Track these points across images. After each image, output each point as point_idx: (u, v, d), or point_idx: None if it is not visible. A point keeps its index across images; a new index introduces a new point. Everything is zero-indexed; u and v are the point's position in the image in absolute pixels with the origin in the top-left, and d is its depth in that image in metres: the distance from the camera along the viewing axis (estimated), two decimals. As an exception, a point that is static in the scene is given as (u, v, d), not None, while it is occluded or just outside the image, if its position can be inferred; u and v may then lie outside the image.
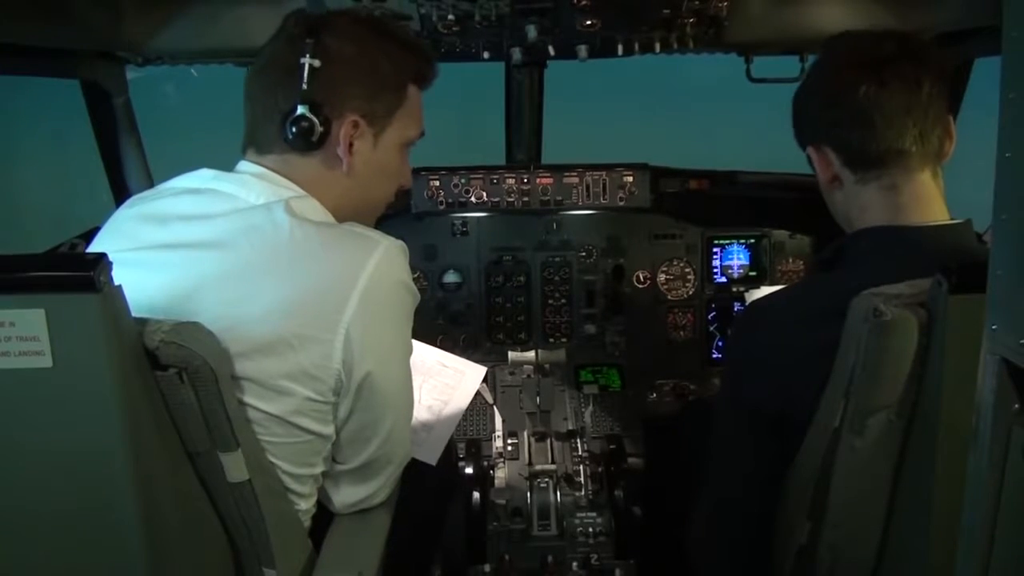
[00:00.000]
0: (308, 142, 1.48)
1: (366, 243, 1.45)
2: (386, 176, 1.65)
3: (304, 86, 1.45)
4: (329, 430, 1.51)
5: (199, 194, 1.51)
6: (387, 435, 1.57)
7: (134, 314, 1.20)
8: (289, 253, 1.40)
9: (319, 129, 1.48)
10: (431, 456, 2.00)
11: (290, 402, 1.41)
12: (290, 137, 1.48)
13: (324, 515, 1.67)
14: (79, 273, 1.09)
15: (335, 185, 1.56)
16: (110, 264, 1.12)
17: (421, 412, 2.08)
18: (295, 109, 1.46)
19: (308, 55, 1.46)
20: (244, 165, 1.55)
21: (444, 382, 2.25)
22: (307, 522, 1.62)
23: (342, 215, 1.55)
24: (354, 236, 1.47)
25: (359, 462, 1.58)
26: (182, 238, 1.44)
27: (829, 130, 1.61)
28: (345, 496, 1.64)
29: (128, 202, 1.61)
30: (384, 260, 1.43)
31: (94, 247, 1.54)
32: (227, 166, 1.62)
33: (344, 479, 1.62)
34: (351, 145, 1.54)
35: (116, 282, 1.13)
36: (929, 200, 1.56)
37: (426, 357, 2.30)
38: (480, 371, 2.37)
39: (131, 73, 2.60)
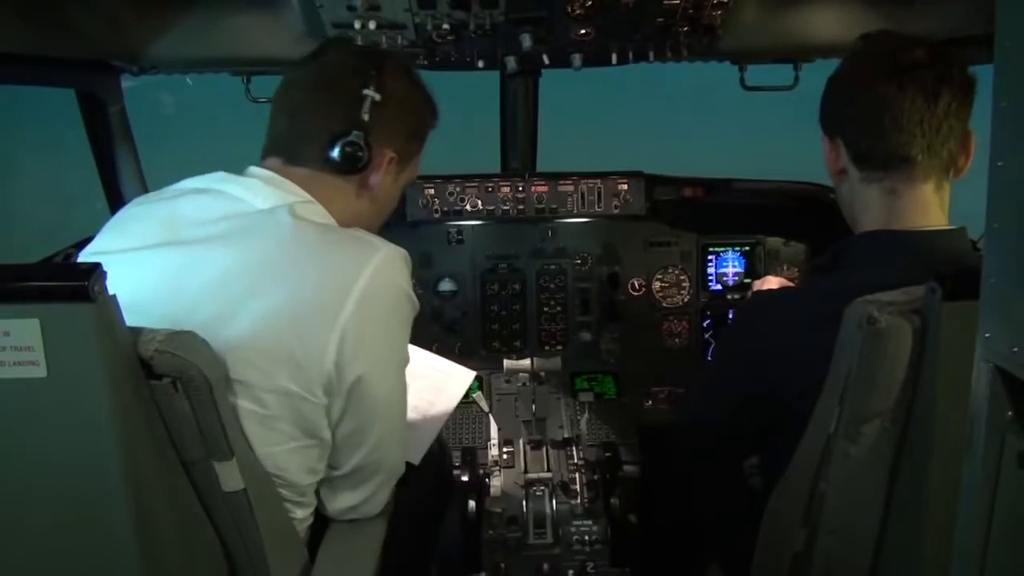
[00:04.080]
0: (351, 166, 1.56)
1: (368, 247, 1.47)
2: (391, 207, 1.79)
3: (364, 116, 1.53)
4: (327, 435, 1.50)
5: (204, 194, 1.53)
6: (377, 442, 1.56)
7: (131, 312, 1.20)
8: (290, 253, 1.41)
9: (365, 157, 1.54)
10: (414, 456, 1.99)
11: (285, 401, 1.41)
12: (336, 158, 1.54)
13: (320, 524, 1.66)
14: (73, 283, 1.09)
15: (355, 208, 1.63)
16: (104, 274, 1.11)
17: (407, 412, 2.10)
18: (348, 133, 1.53)
19: (373, 88, 1.54)
20: (254, 170, 1.57)
21: (432, 384, 2.24)
22: (303, 531, 1.61)
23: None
24: (356, 239, 1.49)
25: (350, 467, 1.58)
26: (182, 237, 1.44)
27: (843, 123, 1.63)
28: (339, 502, 1.64)
29: (132, 202, 1.62)
30: (385, 264, 1.45)
31: (93, 245, 1.54)
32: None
33: (338, 484, 1.62)
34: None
35: (113, 281, 1.13)
36: (927, 207, 1.57)
37: (417, 360, 2.30)
38: (468, 375, 2.35)
39: (126, 82, 2.60)
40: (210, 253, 1.41)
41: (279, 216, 1.44)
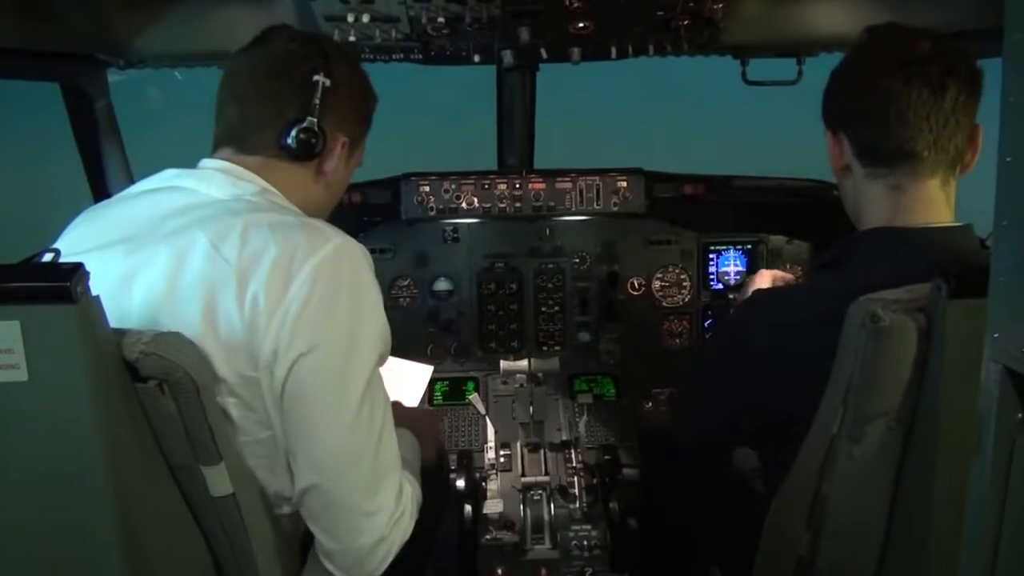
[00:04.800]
0: (308, 152, 1.58)
1: (321, 236, 1.44)
2: (342, 192, 1.81)
3: (316, 101, 1.56)
4: (278, 422, 1.44)
5: (158, 193, 1.53)
6: (314, 458, 1.42)
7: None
8: (244, 237, 1.38)
9: (320, 143, 1.58)
10: None
11: (248, 388, 1.38)
12: (292, 144, 1.56)
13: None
14: (55, 284, 1.07)
15: (312, 194, 1.67)
16: (87, 274, 1.10)
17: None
18: (303, 120, 1.56)
19: (323, 73, 1.57)
20: (208, 162, 1.59)
21: (389, 387, 2.22)
22: (293, 533, 1.59)
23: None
24: (311, 227, 1.46)
25: (299, 488, 1.47)
26: (138, 235, 1.43)
27: (847, 118, 1.62)
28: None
29: (84, 211, 1.62)
30: (341, 250, 1.43)
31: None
32: None
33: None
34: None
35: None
36: (933, 203, 1.56)
37: None
38: (426, 371, 2.34)
39: (113, 76, 2.58)
40: (164, 247, 1.40)
41: (236, 205, 1.45)
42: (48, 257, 1.17)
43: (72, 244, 1.51)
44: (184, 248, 1.38)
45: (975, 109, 1.54)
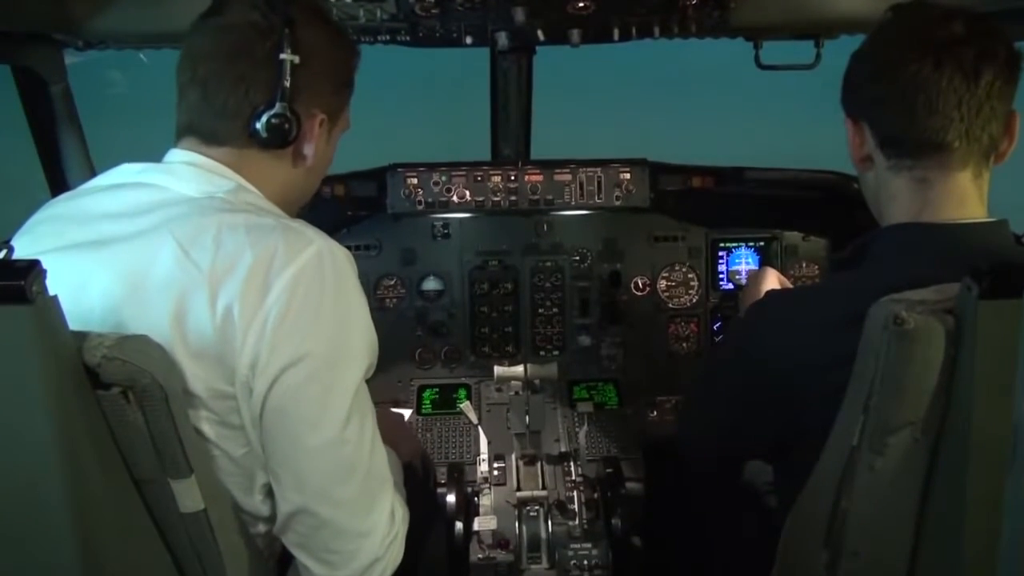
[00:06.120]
0: (281, 141, 1.52)
1: (304, 236, 1.43)
2: (326, 168, 1.74)
3: (286, 83, 1.49)
4: (255, 438, 1.44)
5: (124, 189, 1.50)
6: (300, 482, 1.42)
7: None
8: (217, 240, 1.37)
9: (293, 129, 1.52)
10: None
11: (221, 403, 1.38)
12: (264, 134, 1.50)
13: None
14: (8, 283, 1.06)
15: (291, 180, 1.63)
16: (43, 272, 1.10)
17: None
18: (272, 105, 1.49)
19: (289, 49, 1.49)
20: (176, 154, 1.55)
21: None
22: (268, 553, 1.59)
23: (283, 207, 1.59)
24: (292, 228, 1.45)
25: (284, 512, 1.46)
26: (107, 235, 1.41)
27: (869, 106, 1.61)
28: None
29: (43, 206, 1.59)
30: (323, 253, 1.41)
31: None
32: None
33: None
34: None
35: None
36: (963, 197, 1.55)
37: None
38: None
39: (70, 58, 2.56)
40: (137, 251, 1.38)
41: (208, 204, 1.43)
42: (0, 255, 1.16)
43: (29, 243, 1.49)
44: (150, 251, 1.36)
45: (1012, 95, 1.52)
